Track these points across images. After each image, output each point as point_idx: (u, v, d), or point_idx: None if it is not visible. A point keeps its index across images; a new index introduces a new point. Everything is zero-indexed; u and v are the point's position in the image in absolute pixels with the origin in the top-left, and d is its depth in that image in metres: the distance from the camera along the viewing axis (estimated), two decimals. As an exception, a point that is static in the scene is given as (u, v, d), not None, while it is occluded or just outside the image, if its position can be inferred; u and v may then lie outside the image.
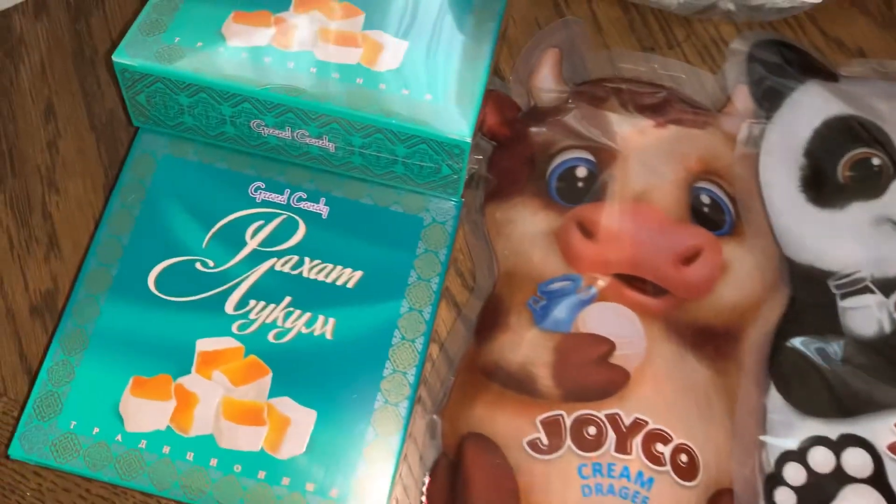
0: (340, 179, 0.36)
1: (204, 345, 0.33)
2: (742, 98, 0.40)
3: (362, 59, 0.34)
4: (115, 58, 0.33)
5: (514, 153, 0.39)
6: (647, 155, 0.38)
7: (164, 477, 0.31)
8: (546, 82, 0.41)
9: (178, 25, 0.35)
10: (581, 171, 0.38)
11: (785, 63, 0.41)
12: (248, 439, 0.32)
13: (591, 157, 0.38)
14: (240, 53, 0.34)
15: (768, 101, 0.40)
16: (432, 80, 0.34)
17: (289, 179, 0.36)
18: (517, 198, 0.38)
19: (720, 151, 0.39)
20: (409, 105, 0.33)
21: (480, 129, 0.39)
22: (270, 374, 0.33)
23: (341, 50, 0.34)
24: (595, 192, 0.37)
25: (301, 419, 0.32)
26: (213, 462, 0.31)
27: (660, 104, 0.40)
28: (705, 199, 0.38)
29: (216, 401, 0.32)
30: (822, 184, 0.38)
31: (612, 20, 0.43)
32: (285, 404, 0.32)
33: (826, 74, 0.41)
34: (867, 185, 0.37)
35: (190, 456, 0.31)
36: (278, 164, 0.36)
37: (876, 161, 0.37)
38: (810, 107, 0.39)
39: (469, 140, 0.32)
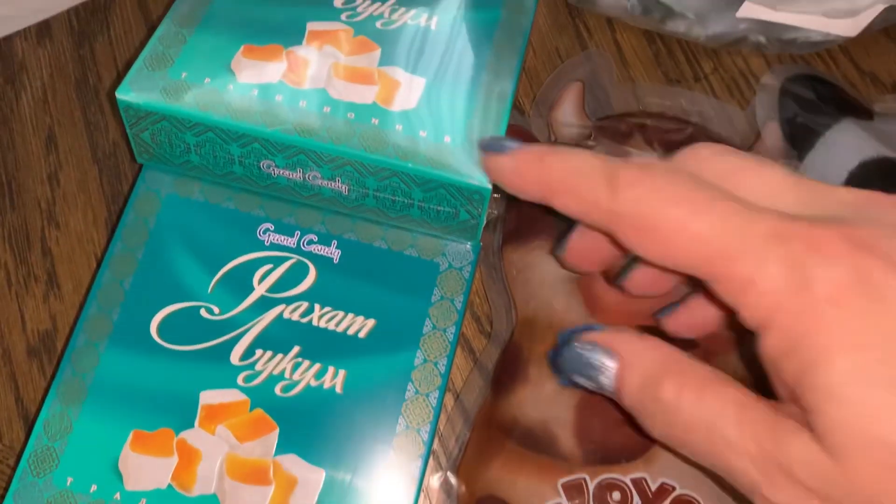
0: (353, 222, 0.34)
1: (208, 397, 0.32)
2: (772, 136, 0.38)
3: (378, 98, 0.33)
4: (118, 94, 0.32)
5: (534, 192, 0.38)
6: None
7: (165, 538, 0.30)
8: (567, 117, 0.39)
9: (185, 59, 0.33)
10: (604, 213, 0.36)
11: (818, 99, 0.39)
12: (253, 500, 0.30)
13: (614, 198, 0.36)
14: (250, 90, 0.32)
15: (800, 139, 0.38)
16: (451, 121, 0.32)
17: (299, 221, 0.34)
18: (536, 240, 0.37)
19: (750, 192, 0.37)
20: (427, 148, 0.31)
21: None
22: (277, 430, 0.31)
23: (356, 88, 0.33)
24: (619, 236, 0.36)
25: (309, 479, 0.30)
26: (217, 523, 0.30)
27: (686, 141, 0.38)
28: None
29: (220, 458, 0.31)
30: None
31: (637, 51, 0.41)
32: (292, 462, 0.31)
33: (861, 111, 0.39)
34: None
35: (192, 516, 0.30)
36: (288, 204, 0.34)
37: (915, 206, 0.36)
38: (845, 147, 0.37)
39: (489, 186, 0.31)
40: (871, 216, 0.22)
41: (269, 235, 0.34)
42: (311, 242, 0.34)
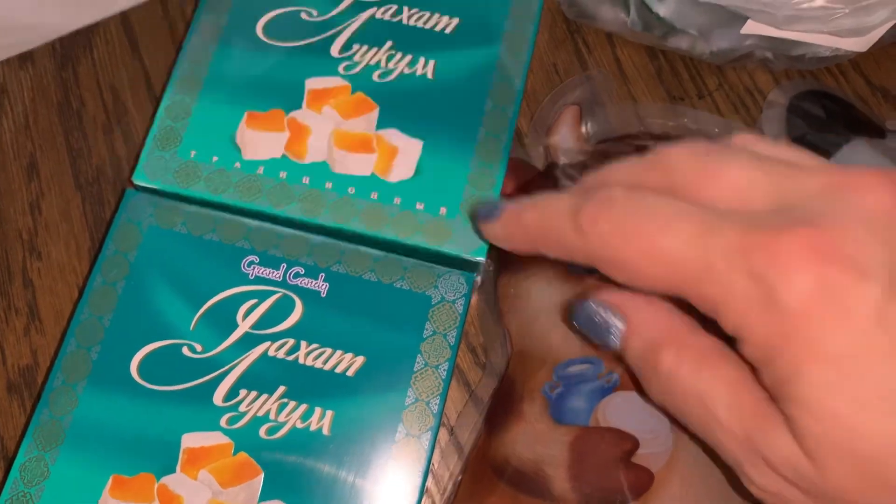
0: (342, 252, 0.33)
1: (190, 440, 0.30)
2: (780, 156, 0.37)
3: (376, 169, 0.33)
4: (135, 181, 0.33)
5: (531, 218, 0.36)
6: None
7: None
8: (565, 141, 0.38)
9: (192, 134, 0.34)
10: (603, 240, 0.35)
11: (828, 117, 0.37)
12: None
13: (614, 225, 0.35)
14: (256, 168, 0.33)
15: (809, 160, 0.36)
16: (447, 188, 0.33)
17: (285, 252, 0.33)
18: (532, 269, 0.35)
19: (756, 216, 0.36)
20: (425, 222, 0.32)
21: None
22: (262, 475, 0.30)
23: (355, 158, 0.33)
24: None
25: (295, 527, 0.29)
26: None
27: (690, 163, 0.37)
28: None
29: (202, 504, 0.29)
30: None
31: (638, 67, 0.40)
32: (278, 509, 0.29)
33: (873, 129, 0.37)
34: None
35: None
36: (274, 235, 0.33)
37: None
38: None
39: (484, 258, 0.32)
40: (840, 207, 0.21)
41: (255, 268, 0.33)
42: (297, 275, 0.33)
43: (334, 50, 0.35)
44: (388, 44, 0.35)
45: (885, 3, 0.30)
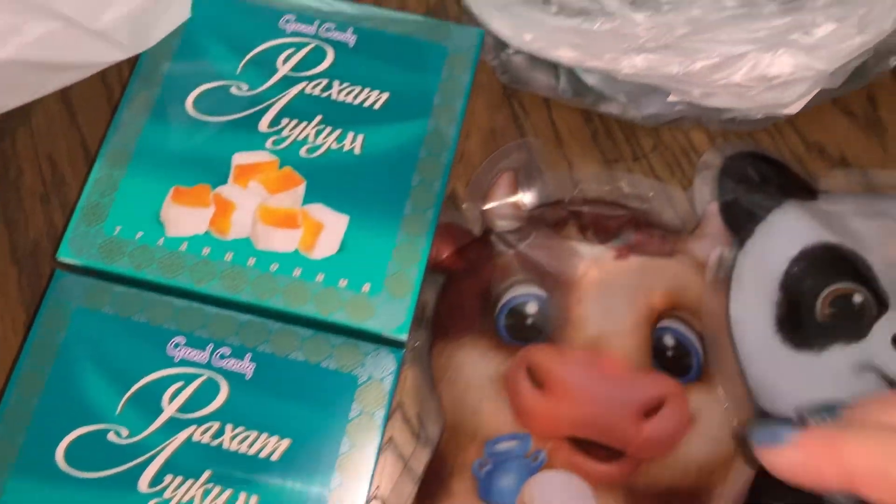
0: (270, 331, 0.33)
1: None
2: (713, 220, 0.37)
3: (300, 245, 0.33)
4: (59, 258, 0.33)
5: (465, 287, 0.36)
6: (605, 292, 0.35)
7: None
8: (501, 208, 0.38)
9: (118, 210, 0.34)
10: (531, 308, 0.35)
11: (761, 179, 0.37)
12: None
13: (542, 293, 0.35)
14: (179, 245, 0.33)
15: (741, 223, 0.37)
16: (372, 264, 0.33)
17: (212, 333, 0.33)
18: (466, 337, 0.35)
19: (689, 282, 0.36)
20: (347, 299, 0.32)
21: (431, 262, 0.36)
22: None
23: (280, 234, 0.33)
24: (546, 334, 0.34)
25: None
26: None
27: (623, 229, 0.37)
28: (669, 340, 0.35)
29: None
30: (799, 323, 0.34)
31: (574, 131, 0.40)
32: None
33: (805, 192, 0.37)
34: (848, 325, 0.34)
35: None
36: (201, 314, 0.33)
37: (857, 298, 0.34)
38: (787, 232, 0.36)
39: (405, 337, 0.32)
40: None
41: (181, 350, 0.33)
42: (223, 357, 0.33)
43: (263, 125, 0.35)
44: (318, 118, 0.35)
45: (801, 80, 0.30)
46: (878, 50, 0.35)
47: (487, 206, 0.38)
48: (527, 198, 0.38)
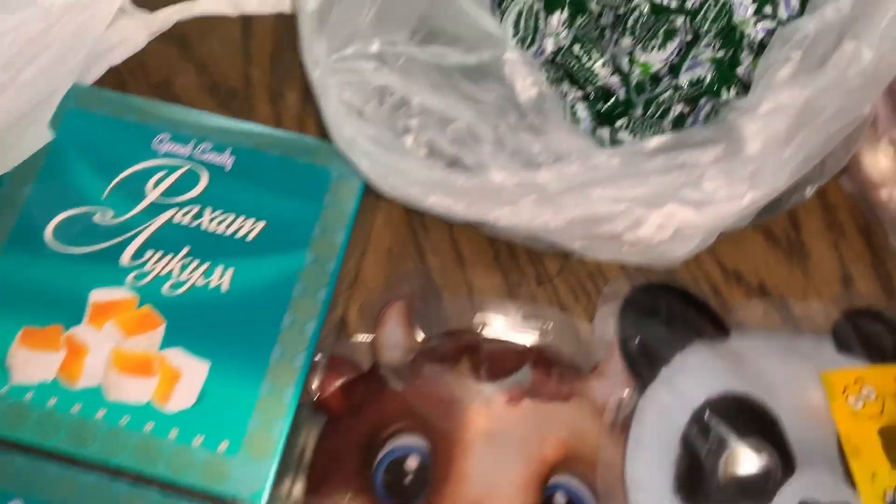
0: (116, 495, 0.30)
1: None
2: (614, 359, 0.34)
3: (154, 395, 0.31)
4: None
5: (346, 432, 0.34)
6: (494, 444, 0.32)
7: None
8: (393, 338, 0.35)
9: None
10: (412, 463, 0.32)
11: (668, 314, 0.35)
12: None
13: (425, 445, 0.32)
14: (24, 394, 0.31)
15: (644, 365, 0.34)
16: (231, 419, 0.31)
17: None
18: (341, 492, 0.32)
19: (586, 429, 0.33)
20: (202, 459, 0.30)
21: (314, 399, 0.33)
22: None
23: (133, 383, 0.31)
24: (426, 494, 0.32)
25: None
26: None
27: (519, 366, 0.34)
28: (561, 499, 0.32)
29: None
30: (700, 483, 0.32)
31: (476, 251, 0.37)
32: None
33: (715, 329, 0.35)
34: (752, 488, 0.31)
35: None
36: (42, 475, 0.30)
37: (762, 459, 0.31)
38: (692, 379, 0.33)
39: (265, 500, 0.30)
40: None
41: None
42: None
43: (125, 257, 0.33)
44: (185, 250, 0.33)
45: (689, 236, 0.27)
46: (797, 182, 0.33)
47: (377, 338, 0.35)
48: (420, 328, 0.35)
